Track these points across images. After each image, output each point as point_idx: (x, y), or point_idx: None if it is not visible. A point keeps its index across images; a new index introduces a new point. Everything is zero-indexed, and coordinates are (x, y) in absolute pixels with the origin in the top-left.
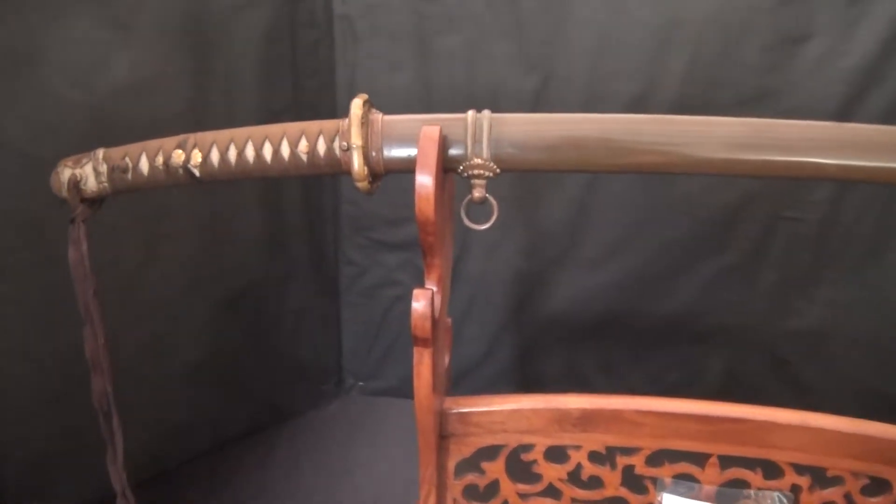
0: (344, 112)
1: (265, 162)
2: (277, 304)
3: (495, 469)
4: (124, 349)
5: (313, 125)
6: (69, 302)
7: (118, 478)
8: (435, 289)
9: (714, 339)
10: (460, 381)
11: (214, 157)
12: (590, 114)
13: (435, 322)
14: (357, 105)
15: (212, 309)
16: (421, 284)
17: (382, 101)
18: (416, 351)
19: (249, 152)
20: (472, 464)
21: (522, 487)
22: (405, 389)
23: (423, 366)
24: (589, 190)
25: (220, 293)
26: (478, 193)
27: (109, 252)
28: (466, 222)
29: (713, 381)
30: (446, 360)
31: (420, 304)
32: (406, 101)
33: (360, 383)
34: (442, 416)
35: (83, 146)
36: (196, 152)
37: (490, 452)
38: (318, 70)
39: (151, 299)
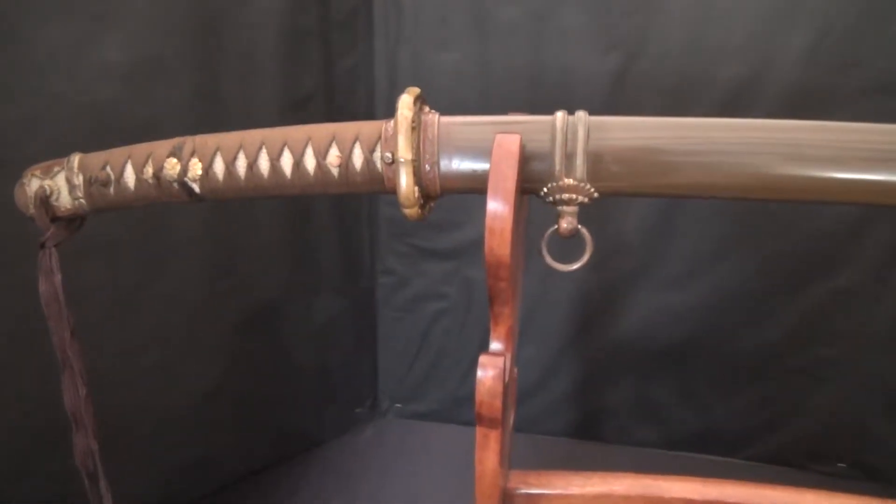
0: (385, 102)
1: (283, 177)
2: (303, 321)
3: None
4: (128, 379)
5: (347, 129)
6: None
7: None
8: (504, 348)
9: (819, 373)
10: None
11: (218, 168)
12: (737, 119)
13: (505, 393)
14: (406, 104)
15: (227, 329)
16: (469, 300)
17: (427, 87)
18: (481, 431)
19: (263, 163)
20: None
21: None
22: (448, 413)
23: (488, 450)
24: None
25: (235, 310)
26: (567, 224)
27: (104, 269)
28: (549, 261)
29: (813, 420)
30: (511, 421)
31: (489, 374)
32: (457, 87)
33: (398, 405)
34: (505, 497)
35: (62, 148)
36: (195, 162)
37: None
38: (353, 47)
39: (157, 321)
